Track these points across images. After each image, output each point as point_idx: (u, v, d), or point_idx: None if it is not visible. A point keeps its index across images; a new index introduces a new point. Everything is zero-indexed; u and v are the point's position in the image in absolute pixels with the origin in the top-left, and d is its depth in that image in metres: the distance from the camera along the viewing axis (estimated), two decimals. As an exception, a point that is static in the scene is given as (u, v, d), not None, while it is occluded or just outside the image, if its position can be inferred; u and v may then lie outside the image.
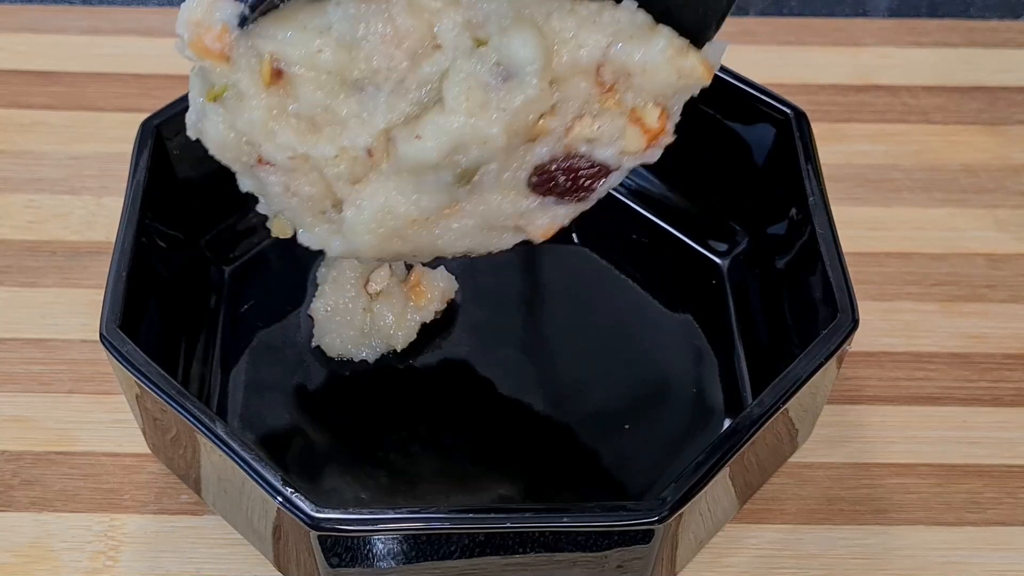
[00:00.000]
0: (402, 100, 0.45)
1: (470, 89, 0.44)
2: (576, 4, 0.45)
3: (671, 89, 0.46)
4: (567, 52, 0.45)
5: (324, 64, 0.45)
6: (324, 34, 0.45)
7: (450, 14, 0.44)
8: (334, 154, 0.46)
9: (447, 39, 0.44)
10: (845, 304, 0.48)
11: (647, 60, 0.45)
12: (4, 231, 0.62)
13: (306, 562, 0.46)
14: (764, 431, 0.46)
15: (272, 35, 0.45)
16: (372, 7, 0.44)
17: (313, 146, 0.46)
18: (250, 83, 0.46)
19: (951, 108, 0.69)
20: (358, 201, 0.47)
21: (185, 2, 0.46)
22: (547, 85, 0.44)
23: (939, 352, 0.58)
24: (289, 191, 0.48)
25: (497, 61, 0.44)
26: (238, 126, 0.46)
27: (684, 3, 0.45)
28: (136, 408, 0.50)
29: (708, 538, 0.51)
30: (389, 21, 0.45)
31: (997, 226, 0.64)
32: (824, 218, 0.51)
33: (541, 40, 0.44)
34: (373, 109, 0.46)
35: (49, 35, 0.72)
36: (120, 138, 0.65)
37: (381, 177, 0.46)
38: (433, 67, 0.45)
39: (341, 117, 0.46)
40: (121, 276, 0.49)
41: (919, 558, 0.52)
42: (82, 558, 0.51)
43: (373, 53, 0.45)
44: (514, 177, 0.47)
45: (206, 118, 0.47)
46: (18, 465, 0.53)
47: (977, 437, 0.56)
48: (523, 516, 0.43)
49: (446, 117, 0.44)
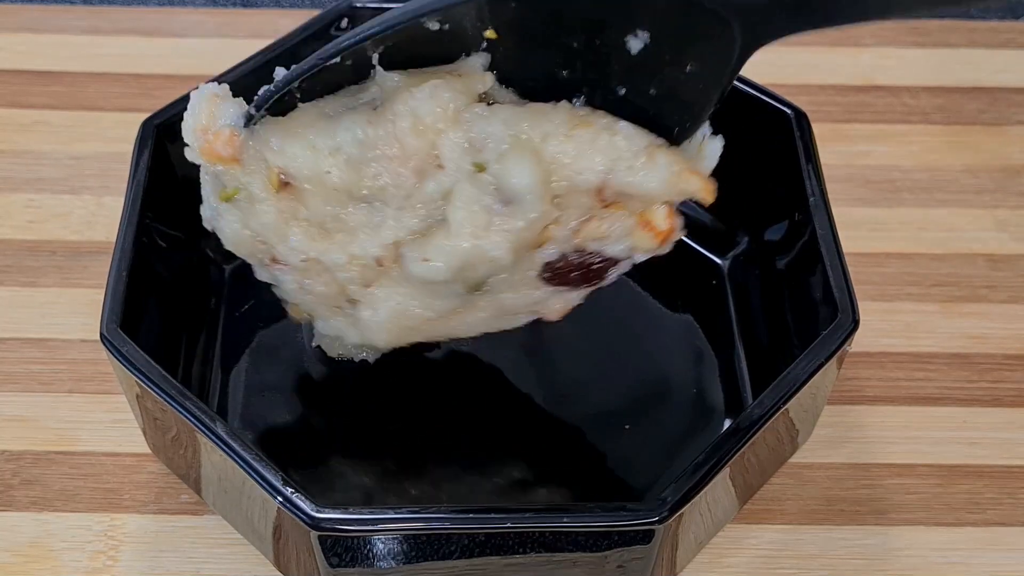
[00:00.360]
0: (409, 215, 0.46)
1: (473, 213, 0.45)
2: (574, 128, 0.45)
3: (675, 200, 0.46)
4: (565, 177, 0.45)
5: (332, 183, 0.46)
6: (333, 154, 0.46)
7: (451, 135, 0.45)
8: (345, 261, 0.47)
9: (449, 159, 0.45)
10: (845, 304, 0.48)
11: (646, 186, 0.45)
12: (4, 231, 0.62)
13: (306, 562, 0.46)
14: (764, 431, 0.46)
15: (280, 150, 0.46)
16: (380, 130, 0.45)
17: (324, 252, 0.47)
18: (260, 187, 0.46)
19: (952, 108, 0.69)
20: (372, 303, 0.48)
21: (187, 110, 0.47)
22: (548, 204, 0.45)
23: (939, 353, 0.58)
24: (303, 289, 0.49)
25: (496, 187, 0.45)
26: (252, 226, 0.47)
27: (670, 103, 0.45)
28: (136, 408, 0.50)
29: (708, 538, 0.51)
30: (396, 141, 0.45)
31: (997, 227, 0.64)
32: (824, 218, 0.51)
33: (538, 167, 0.44)
34: (381, 222, 0.46)
35: (49, 35, 0.72)
36: (120, 138, 0.65)
37: (393, 282, 0.47)
38: (437, 185, 0.45)
39: (350, 226, 0.47)
40: (121, 276, 0.49)
41: (919, 558, 0.52)
42: (82, 558, 0.51)
43: (380, 172, 0.46)
44: (525, 277, 0.47)
45: (220, 217, 0.48)
46: (18, 465, 0.53)
47: (977, 438, 0.56)
48: (523, 516, 0.43)
49: (452, 240, 0.45)
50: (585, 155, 0.45)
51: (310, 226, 0.47)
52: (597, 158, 0.45)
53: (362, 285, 0.48)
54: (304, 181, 0.46)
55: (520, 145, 0.44)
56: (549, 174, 0.45)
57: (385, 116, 0.45)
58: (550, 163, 0.45)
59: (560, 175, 0.45)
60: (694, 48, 0.44)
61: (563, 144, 0.45)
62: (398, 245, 0.46)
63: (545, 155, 0.45)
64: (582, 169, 0.45)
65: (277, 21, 0.73)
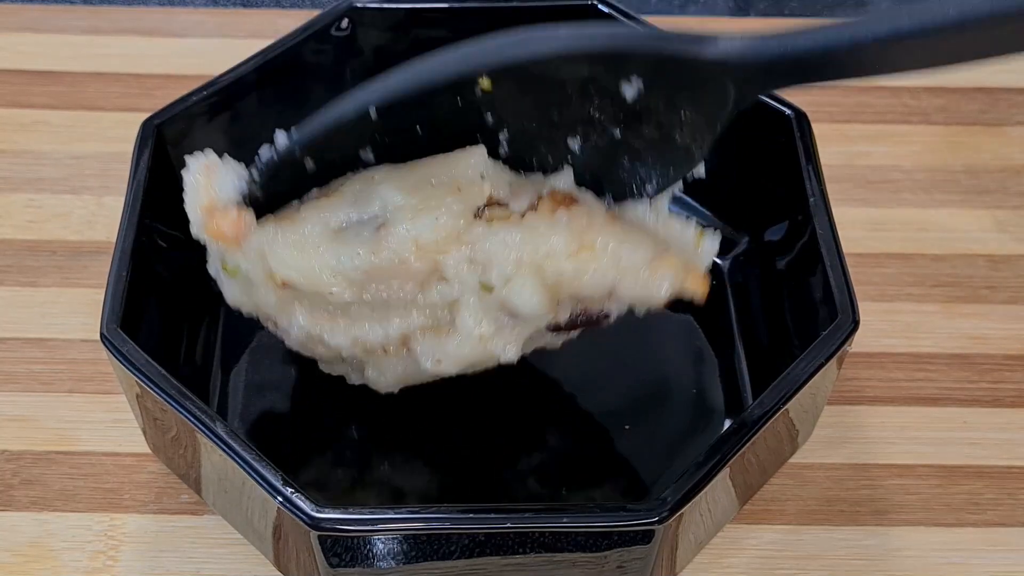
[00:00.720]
0: (416, 314, 0.47)
1: (482, 323, 0.46)
2: (578, 252, 0.46)
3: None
4: (572, 289, 0.46)
5: (334, 299, 0.47)
6: (335, 275, 0.46)
7: (454, 254, 0.46)
8: (349, 343, 0.48)
9: (453, 275, 0.46)
10: (845, 305, 0.48)
11: (652, 297, 0.47)
12: (4, 231, 0.62)
13: (306, 562, 0.46)
14: (764, 432, 0.46)
15: (282, 262, 0.46)
16: (383, 256, 0.46)
17: (328, 332, 0.48)
18: (261, 278, 0.47)
19: (952, 109, 0.69)
20: (378, 367, 0.49)
21: (186, 187, 0.48)
22: (555, 307, 0.47)
23: (939, 353, 0.58)
24: (306, 348, 0.50)
25: (503, 305, 0.46)
26: (253, 298, 0.48)
27: (666, 145, 0.46)
28: (136, 408, 0.50)
29: (708, 539, 0.51)
30: (399, 264, 0.46)
31: (998, 227, 0.64)
32: (825, 219, 0.51)
33: (544, 291, 0.46)
34: (386, 318, 0.47)
35: (50, 35, 0.72)
36: (121, 138, 0.65)
37: (400, 356, 0.49)
38: (442, 295, 0.47)
39: (355, 317, 0.48)
40: (121, 276, 0.49)
41: (919, 559, 0.52)
42: (82, 558, 0.51)
43: (383, 287, 0.47)
44: (531, 339, 0.48)
45: (222, 281, 0.49)
46: (18, 465, 0.53)
47: (977, 438, 0.56)
48: (523, 516, 0.43)
49: (461, 343, 0.47)
50: (589, 274, 0.46)
51: (313, 308, 0.48)
52: (602, 277, 0.46)
53: (367, 354, 0.49)
54: (306, 291, 0.47)
55: (525, 269, 0.46)
56: (556, 291, 0.46)
57: (388, 243, 0.46)
58: (555, 282, 0.46)
59: (566, 289, 0.46)
60: (688, 97, 0.44)
61: (567, 263, 0.46)
62: (405, 338, 0.48)
63: (549, 275, 0.46)
64: (588, 285, 0.46)
65: (277, 21, 0.73)
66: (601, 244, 0.46)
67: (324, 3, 0.76)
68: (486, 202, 0.46)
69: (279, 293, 0.47)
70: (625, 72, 0.44)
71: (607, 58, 0.44)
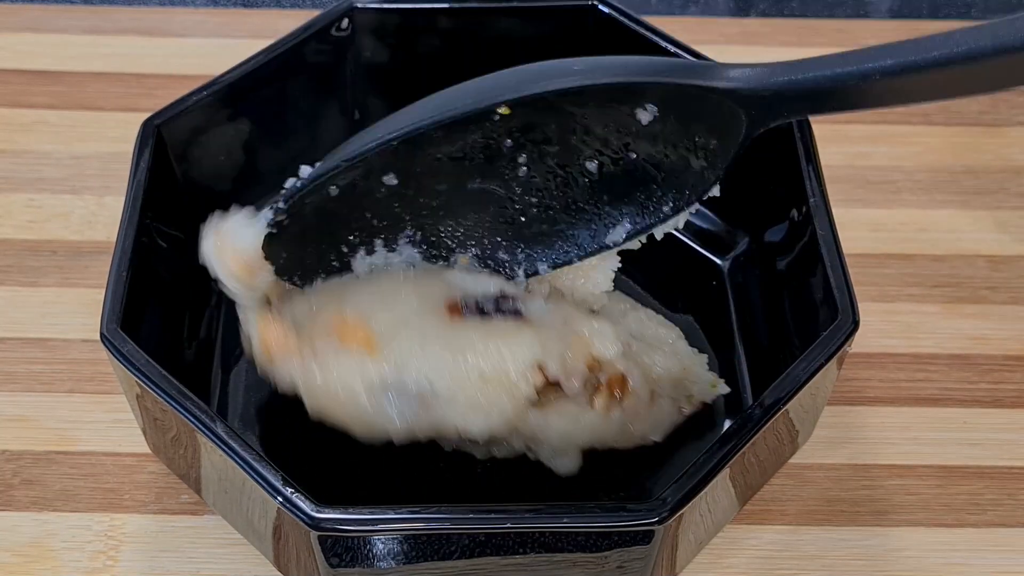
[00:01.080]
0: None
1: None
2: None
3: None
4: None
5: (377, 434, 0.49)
6: (380, 417, 0.48)
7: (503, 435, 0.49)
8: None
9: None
10: (846, 305, 0.48)
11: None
12: (5, 230, 0.62)
13: (306, 562, 0.46)
14: (764, 432, 0.46)
15: (319, 403, 0.48)
16: (430, 422, 0.48)
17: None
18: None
19: (952, 109, 0.69)
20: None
21: (207, 258, 0.48)
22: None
23: (940, 353, 0.58)
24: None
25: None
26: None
27: (681, 169, 0.47)
28: (136, 408, 0.50)
29: (708, 539, 0.51)
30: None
31: (998, 228, 0.64)
32: (825, 219, 0.51)
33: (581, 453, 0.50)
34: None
35: (50, 34, 0.72)
36: (121, 138, 0.65)
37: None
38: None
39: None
40: (122, 276, 0.49)
41: (919, 559, 0.52)
42: (82, 558, 0.51)
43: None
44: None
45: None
46: (18, 465, 0.53)
47: (978, 438, 0.56)
48: (523, 516, 0.43)
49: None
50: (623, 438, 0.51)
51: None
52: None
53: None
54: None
55: (573, 447, 0.50)
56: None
57: (434, 416, 0.48)
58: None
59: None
60: (702, 124, 0.46)
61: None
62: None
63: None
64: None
65: (277, 21, 0.73)
66: (640, 429, 0.50)
67: (324, 3, 0.76)
68: (540, 388, 0.48)
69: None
70: (640, 102, 0.45)
71: (622, 90, 0.45)
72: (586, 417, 0.48)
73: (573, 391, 0.48)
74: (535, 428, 0.48)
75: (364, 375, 0.47)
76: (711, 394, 0.53)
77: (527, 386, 0.47)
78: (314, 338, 0.48)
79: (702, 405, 0.53)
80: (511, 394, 0.47)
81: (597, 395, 0.48)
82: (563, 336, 0.48)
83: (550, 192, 0.49)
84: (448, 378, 0.46)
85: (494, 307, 0.49)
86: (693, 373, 0.52)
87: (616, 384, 0.49)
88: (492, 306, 0.49)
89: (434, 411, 0.47)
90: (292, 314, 0.50)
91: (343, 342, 0.47)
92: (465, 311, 0.48)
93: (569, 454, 0.50)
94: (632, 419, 0.50)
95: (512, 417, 0.47)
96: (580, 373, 0.48)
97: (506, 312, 0.48)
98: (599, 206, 0.49)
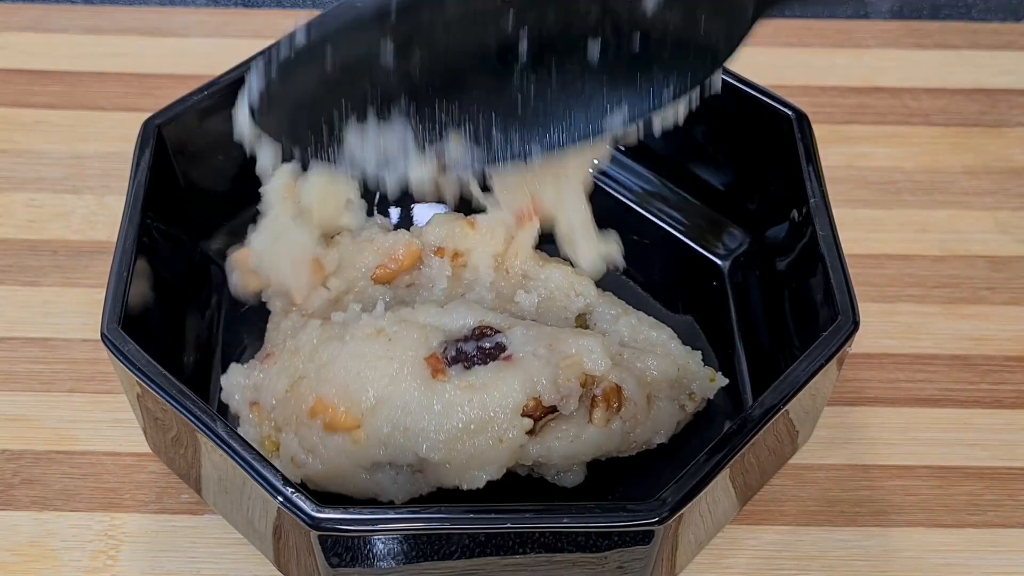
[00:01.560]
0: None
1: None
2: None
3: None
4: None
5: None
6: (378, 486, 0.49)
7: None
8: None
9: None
10: (846, 306, 0.48)
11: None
12: (5, 230, 0.62)
13: (306, 562, 0.46)
14: (764, 432, 0.46)
15: (319, 477, 0.49)
16: (427, 482, 0.49)
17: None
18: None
19: (953, 110, 0.69)
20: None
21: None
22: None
23: (940, 354, 0.58)
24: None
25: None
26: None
27: (684, 55, 0.46)
28: (137, 407, 0.50)
29: (708, 539, 0.51)
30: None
31: (998, 228, 0.64)
32: (825, 220, 0.51)
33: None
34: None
35: (51, 34, 0.72)
36: (122, 137, 0.65)
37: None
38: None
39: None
40: (122, 275, 0.49)
41: (919, 560, 0.52)
42: (82, 557, 0.51)
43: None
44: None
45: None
46: (19, 464, 0.54)
47: (977, 439, 0.56)
48: (523, 516, 0.43)
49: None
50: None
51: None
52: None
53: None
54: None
55: (576, 464, 0.50)
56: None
57: (431, 480, 0.49)
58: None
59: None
60: (706, 6, 0.44)
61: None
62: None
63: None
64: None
65: (278, 21, 0.73)
66: (642, 435, 0.51)
67: (324, 3, 0.76)
68: (537, 416, 0.48)
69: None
70: None
71: None
72: (587, 433, 0.49)
73: (571, 411, 0.48)
74: (537, 456, 0.48)
75: (353, 459, 0.47)
76: (711, 388, 0.53)
77: (519, 433, 0.47)
78: (294, 424, 0.49)
79: (705, 401, 0.53)
80: (505, 445, 0.47)
81: (594, 409, 0.49)
82: (551, 360, 0.48)
83: (549, 69, 0.47)
84: (439, 445, 0.47)
85: (475, 349, 0.48)
86: (689, 371, 0.52)
87: (611, 395, 0.49)
88: (473, 348, 0.48)
89: (431, 475, 0.48)
90: (265, 393, 0.50)
91: (325, 429, 0.48)
92: (446, 364, 0.48)
93: (574, 470, 0.50)
94: (633, 427, 0.50)
95: (509, 462, 0.48)
96: (575, 392, 0.48)
97: (488, 352, 0.48)
98: (598, 87, 0.47)
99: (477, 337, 0.49)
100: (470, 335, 0.49)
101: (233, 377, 0.51)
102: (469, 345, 0.48)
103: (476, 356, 0.48)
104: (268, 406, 0.50)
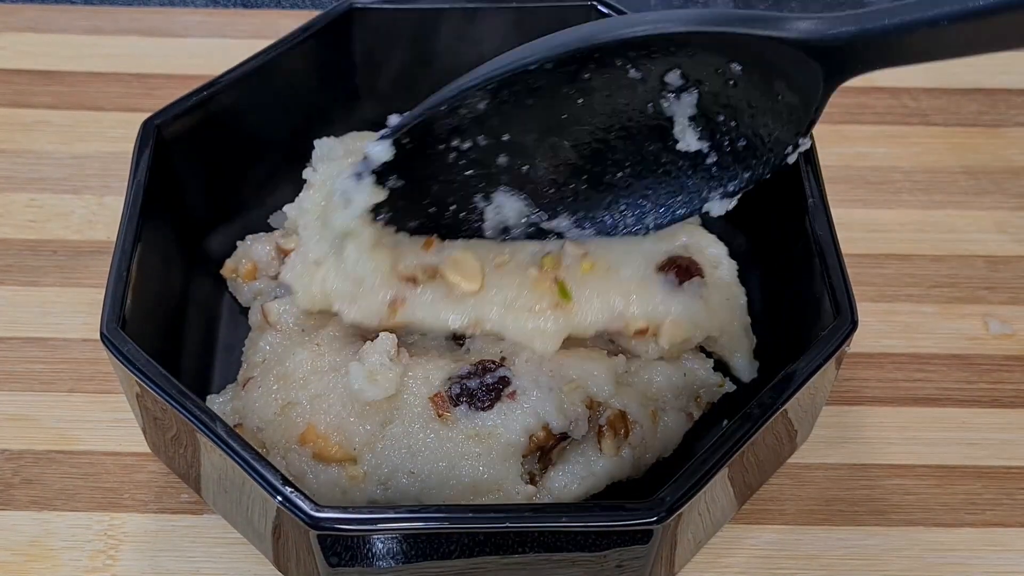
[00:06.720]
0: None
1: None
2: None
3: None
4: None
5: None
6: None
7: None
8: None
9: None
10: (844, 306, 0.48)
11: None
12: (5, 230, 0.62)
13: (306, 562, 0.46)
14: (763, 432, 0.46)
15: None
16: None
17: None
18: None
19: (951, 110, 0.69)
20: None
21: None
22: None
23: (938, 354, 0.58)
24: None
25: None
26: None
27: (764, 129, 0.48)
28: (136, 407, 0.50)
29: (707, 538, 0.51)
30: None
31: (997, 228, 0.64)
32: (823, 220, 0.51)
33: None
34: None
35: (51, 34, 0.72)
36: (122, 137, 0.65)
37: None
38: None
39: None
40: (122, 275, 0.49)
41: (918, 559, 0.52)
42: (82, 557, 0.51)
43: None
44: None
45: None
46: (18, 464, 0.54)
47: (976, 439, 0.56)
48: (523, 516, 0.43)
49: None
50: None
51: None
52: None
53: None
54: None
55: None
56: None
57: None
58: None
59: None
60: (782, 78, 0.45)
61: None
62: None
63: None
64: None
65: (277, 21, 0.73)
66: (651, 456, 0.51)
67: (324, 3, 0.76)
68: (550, 446, 0.48)
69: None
70: (724, 56, 0.45)
71: (718, 39, 0.45)
72: (598, 467, 0.49)
73: (581, 434, 0.48)
74: (550, 483, 0.49)
75: (349, 494, 0.48)
76: (717, 393, 0.53)
77: (525, 490, 0.47)
78: (282, 448, 0.49)
79: (708, 406, 0.53)
80: (511, 489, 0.47)
81: (602, 439, 0.49)
82: (556, 387, 0.48)
83: (626, 154, 0.50)
84: (445, 499, 0.47)
85: (479, 385, 0.48)
86: (698, 377, 0.52)
87: (617, 422, 0.49)
88: (477, 384, 0.48)
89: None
90: (250, 416, 0.50)
91: (313, 458, 0.48)
92: (451, 403, 0.48)
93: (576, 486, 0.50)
94: (642, 452, 0.50)
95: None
96: (583, 415, 0.48)
97: (492, 387, 0.48)
98: (696, 173, 0.50)
99: (480, 373, 0.48)
100: (473, 370, 0.48)
101: (212, 407, 0.51)
102: (473, 381, 0.48)
103: (481, 393, 0.48)
104: (253, 427, 0.50)
